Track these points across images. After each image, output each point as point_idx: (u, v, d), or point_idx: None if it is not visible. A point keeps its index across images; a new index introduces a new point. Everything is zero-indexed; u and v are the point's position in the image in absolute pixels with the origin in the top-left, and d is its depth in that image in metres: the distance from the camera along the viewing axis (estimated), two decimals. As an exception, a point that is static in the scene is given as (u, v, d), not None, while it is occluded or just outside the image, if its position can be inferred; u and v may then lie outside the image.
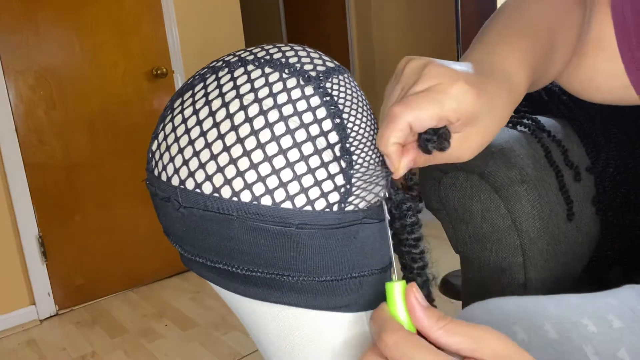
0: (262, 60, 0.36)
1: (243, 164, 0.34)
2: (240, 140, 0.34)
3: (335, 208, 0.35)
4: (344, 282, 0.37)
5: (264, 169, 0.34)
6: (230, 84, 0.36)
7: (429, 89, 0.35)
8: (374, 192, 0.37)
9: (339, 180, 0.35)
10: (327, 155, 0.35)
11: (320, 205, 0.35)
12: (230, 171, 0.34)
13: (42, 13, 2.08)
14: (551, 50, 0.47)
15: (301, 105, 0.35)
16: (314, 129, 0.34)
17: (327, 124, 0.35)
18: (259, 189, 0.34)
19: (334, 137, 0.35)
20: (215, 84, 0.36)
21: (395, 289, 0.33)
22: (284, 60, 0.36)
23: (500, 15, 0.49)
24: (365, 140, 0.36)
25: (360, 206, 0.37)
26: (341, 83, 0.37)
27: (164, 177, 0.37)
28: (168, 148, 0.36)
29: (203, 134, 0.35)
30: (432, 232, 0.54)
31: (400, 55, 3.11)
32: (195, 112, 0.36)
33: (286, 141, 0.34)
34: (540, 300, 0.57)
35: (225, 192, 0.34)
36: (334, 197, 0.35)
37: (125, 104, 2.30)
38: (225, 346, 1.83)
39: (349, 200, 0.36)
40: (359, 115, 0.36)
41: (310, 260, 0.36)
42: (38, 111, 2.11)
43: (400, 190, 0.38)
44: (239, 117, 0.34)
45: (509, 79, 0.40)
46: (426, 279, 0.38)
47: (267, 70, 0.36)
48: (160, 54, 2.36)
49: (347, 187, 0.35)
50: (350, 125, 0.36)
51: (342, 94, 0.36)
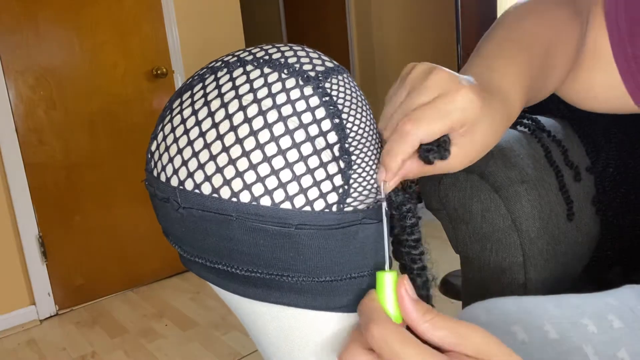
0: (261, 61, 0.36)
1: (242, 164, 0.34)
2: (239, 140, 0.34)
3: (334, 208, 0.35)
4: (344, 283, 0.37)
5: (263, 169, 0.34)
6: (229, 85, 0.35)
7: (436, 99, 0.36)
8: (372, 193, 0.37)
9: (338, 180, 0.35)
10: (326, 155, 0.35)
11: (319, 205, 0.35)
12: (229, 172, 0.34)
13: (42, 13, 2.08)
14: (548, 65, 0.48)
15: (300, 105, 0.34)
16: (313, 129, 0.34)
17: (326, 124, 0.35)
18: (258, 189, 0.34)
19: (333, 138, 0.35)
20: (214, 84, 0.36)
21: (386, 279, 0.34)
22: (283, 60, 0.36)
23: (500, 27, 0.49)
24: (364, 141, 0.36)
25: (360, 207, 0.37)
26: (340, 83, 0.36)
27: (163, 178, 0.37)
28: (167, 148, 0.36)
29: (202, 134, 0.35)
30: (432, 232, 0.54)
31: (400, 55, 3.11)
32: (194, 113, 0.36)
33: (285, 141, 0.34)
34: (540, 300, 0.57)
35: (225, 193, 0.34)
36: (332, 198, 0.35)
37: (125, 104, 2.30)
38: (225, 346, 1.83)
39: (348, 200, 0.36)
40: (358, 116, 0.36)
41: (310, 260, 0.36)
42: (38, 111, 2.11)
43: (400, 192, 0.38)
44: (238, 118, 0.34)
45: (507, 98, 0.42)
46: (426, 280, 0.38)
47: (266, 70, 0.36)
48: (160, 54, 2.36)
49: (346, 188, 0.35)
50: (349, 125, 0.36)
51: (342, 94, 0.36)
